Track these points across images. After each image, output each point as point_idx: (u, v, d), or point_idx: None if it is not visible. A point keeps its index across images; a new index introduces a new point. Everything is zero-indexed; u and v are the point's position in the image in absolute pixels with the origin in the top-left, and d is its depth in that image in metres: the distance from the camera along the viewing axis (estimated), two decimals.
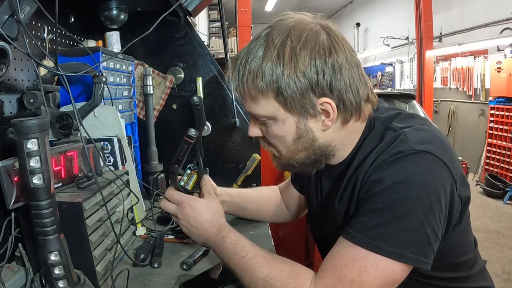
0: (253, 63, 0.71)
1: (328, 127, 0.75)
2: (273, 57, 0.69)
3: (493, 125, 5.29)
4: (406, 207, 0.65)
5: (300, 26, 0.71)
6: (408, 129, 0.72)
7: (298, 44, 0.69)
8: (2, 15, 0.73)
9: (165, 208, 0.92)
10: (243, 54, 0.74)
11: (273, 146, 0.81)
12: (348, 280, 0.66)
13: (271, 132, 0.78)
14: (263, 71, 0.70)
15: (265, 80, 0.70)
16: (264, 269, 0.74)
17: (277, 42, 0.70)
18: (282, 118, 0.74)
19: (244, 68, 0.72)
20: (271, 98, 0.72)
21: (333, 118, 0.73)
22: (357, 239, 0.67)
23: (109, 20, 1.40)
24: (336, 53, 0.70)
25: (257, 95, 0.73)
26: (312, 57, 0.68)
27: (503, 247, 3.44)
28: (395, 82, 8.64)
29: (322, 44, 0.70)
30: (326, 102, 0.71)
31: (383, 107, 0.84)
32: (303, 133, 0.75)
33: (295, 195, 1.13)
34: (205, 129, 1.59)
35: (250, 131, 0.83)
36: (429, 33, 4.60)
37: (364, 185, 0.71)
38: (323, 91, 0.70)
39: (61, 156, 0.89)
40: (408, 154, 0.68)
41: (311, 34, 0.70)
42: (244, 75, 0.73)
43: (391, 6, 8.31)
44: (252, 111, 0.77)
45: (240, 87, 0.75)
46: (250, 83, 0.72)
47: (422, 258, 0.66)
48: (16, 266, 0.82)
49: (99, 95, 1.05)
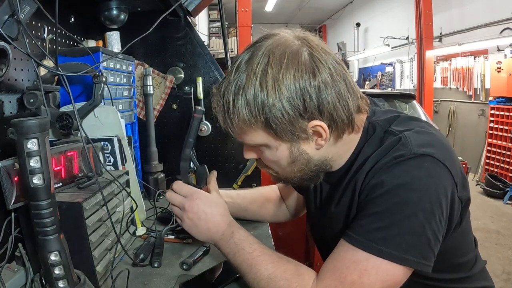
0: (237, 96, 0.68)
1: (321, 146, 0.74)
2: (255, 87, 0.67)
3: (493, 125, 5.28)
4: (407, 210, 0.65)
5: (279, 49, 0.68)
6: (409, 132, 0.72)
7: (280, 71, 0.66)
8: (2, 15, 0.73)
9: (171, 199, 0.88)
10: (225, 87, 0.71)
11: (269, 167, 0.82)
12: (349, 282, 0.67)
13: (265, 157, 0.78)
14: (248, 104, 0.68)
15: (251, 113, 0.68)
16: (270, 266, 0.75)
17: (257, 71, 0.67)
18: (274, 146, 0.73)
19: (228, 102, 0.70)
20: (260, 130, 0.71)
21: (326, 137, 0.72)
22: (358, 242, 0.67)
23: (109, 20, 1.40)
24: (320, 73, 0.67)
25: (245, 127, 0.71)
26: (296, 82, 0.66)
27: (503, 247, 3.44)
28: (395, 82, 8.64)
29: (304, 66, 0.67)
30: (317, 125, 0.70)
31: (380, 111, 0.84)
32: (297, 156, 0.74)
33: (295, 194, 1.14)
34: (205, 129, 1.59)
35: (245, 155, 0.82)
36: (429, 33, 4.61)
37: (365, 188, 0.71)
38: (312, 114, 0.68)
39: (61, 156, 0.89)
40: (409, 157, 0.67)
41: (291, 56, 0.67)
42: (229, 110, 0.70)
43: (391, 6, 8.31)
44: (244, 142, 0.77)
45: (228, 122, 0.73)
46: (236, 117, 0.70)
47: (423, 261, 0.66)
48: (16, 266, 0.82)
49: (99, 95, 1.05)
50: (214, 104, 0.75)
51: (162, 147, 1.53)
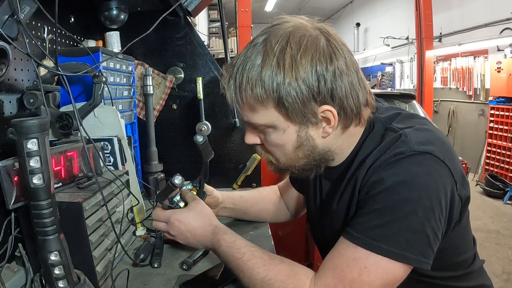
0: (251, 71, 0.68)
1: (328, 134, 0.74)
2: (272, 65, 0.67)
3: (493, 125, 5.29)
4: (407, 208, 0.65)
5: (299, 32, 0.69)
6: (409, 130, 0.72)
7: (299, 52, 0.67)
8: (2, 15, 0.72)
9: (157, 227, 0.96)
10: (240, 62, 0.70)
11: (271, 153, 0.80)
12: (348, 280, 0.66)
13: (270, 141, 0.76)
14: (262, 80, 0.67)
15: (264, 89, 0.68)
16: (262, 270, 0.74)
17: (276, 49, 0.67)
18: (282, 127, 0.73)
19: (242, 77, 0.69)
20: (271, 108, 0.70)
21: (334, 125, 0.72)
22: (358, 240, 0.67)
23: (109, 20, 1.40)
24: (337, 59, 0.68)
25: (256, 104, 0.71)
26: (313, 65, 0.67)
27: (503, 247, 3.44)
28: (395, 82, 8.64)
29: (322, 50, 0.68)
30: (328, 110, 0.70)
31: (383, 107, 0.84)
32: (304, 141, 0.74)
33: (295, 194, 1.14)
34: (205, 128, 1.59)
35: (247, 139, 0.81)
36: (429, 33, 4.60)
37: (365, 185, 0.71)
38: (324, 99, 0.69)
39: (61, 156, 0.89)
40: (409, 155, 0.67)
41: (311, 40, 0.68)
42: (242, 84, 0.70)
43: (391, 6, 8.31)
44: (251, 121, 0.75)
45: (238, 97, 0.72)
46: (249, 92, 0.69)
47: (423, 259, 0.66)
48: (16, 266, 0.82)
49: (99, 95, 1.05)
50: (223, 82, 0.74)
51: (162, 147, 1.53)
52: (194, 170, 1.60)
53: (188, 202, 0.94)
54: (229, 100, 0.74)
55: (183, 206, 0.95)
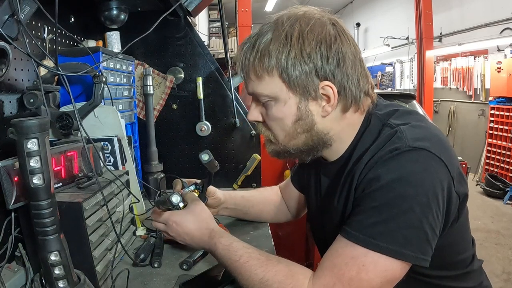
0: (261, 44, 0.74)
1: (328, 113, 0.76)
2: (281, 38, 0.72)
3: (493, 125, 5.28)
4: (404, 205, 0.65)
5: (309, 15, 0.75)
6: (404, 127, 0.73)
7: (306, 28, 0.72)
8: (2, 15, 0.73)
9: (157, 228, 0.97)
10: (252, 36, 0.77)
11: (271, 130, 0.81)
12: (347, 278, 0.66)
13: (271, 114, 0.79)
14: (270, 51, 0.73)
15: (271, 60, 0.73)
16: (259, 271, 0.74)
17: (286, 26, 0.73)
18: (284, 98, 0.75)
19: (253, 48, 0.75)
20: (276, 77, 0.74)
21: (333, 103, 0.75)
22: (356, 237, 0.67)
23: (109, 20, 1.40)
24: (342, 44, 0.73)
25: (263, 73, 0.75)
26: (318, 42, 0.71)
27: (503, 247, 3.44)
28: (395, 82, 8.64)
29: (328, 32, 0.73)
30: (328, 86, 0.73)
31: (382, 104, 0.85)
32: (303, 115, 0.76)
33: (295, 194, 1.14)
34: (205, 128, 1.60)
35: (249, 115, 0.84)
36: (429, 33, 4.60)
37: (361, 183, 0.72)
38: (326, 75, 0.73)
39: (61, 156, 0.89)
40: (404, 151, 0.68)
41: (319, 22, 0.73)
42: (251, 54, 0.75)
43: (391, 6, 8.31)
44: (255, 90, 0.78)
45: (247, 66, 0.77)
46: (257, 61, 0.74)
47: (421, 256, 0.66)
48: (16, 266, 0.82)
49: (99, 95, 1.05)
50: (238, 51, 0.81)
51: (162, 147, 1.53)
52: (194, 170, 1.60)
53: (188, 203, 0.94)
54: (239, 70, 0.80)
55: (183, 207, 0.95)
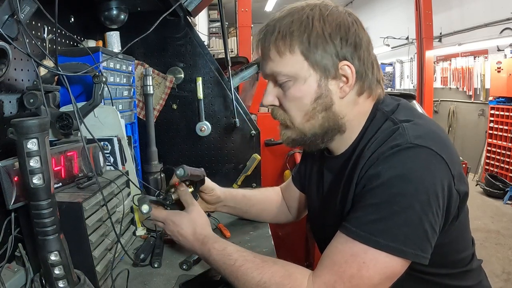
0: (283, 26, 0.76)
1: (345, 93, 0.78)
2: (303, 19, 0.75)
3: (493, 125, 5.28)
4: (404, 202, 0.65)
5: (326, 4, 0.78)
6: (407, 124, 0.73)
7: (326, 12, 0.75)
8: (2, 15, 0.73)
9: (157, 225, 0.97)
10: (271, 21, 0.79)
11: (288, 112, 0.81)
12: (347, 276, 0.66)
13: (289, 94, 0.79)
14: (292, 31, 0.75)
15: (293, 38, 0.75)
16: (256, 274, 0.74)
17: (306, 9, 0.76)
18: (304, 76, 0.76)
19: (274, 28, 0.77)
20: (298, 54, 0.75)
21: (351, 83, 0.77)
22: (356, 234, 0.67)
23: (109, 20, 1.40)
24: (359, 30, 0.77)
25: (285, 50, 0.76)
26: (338, 24, 0.75)
27: (503, 247, 3.44)
28: (395, 82, 8.64)
29: (346, 18, 0.77)
30: (347, 66, 0.76)
31: (389, 98, 0.85)
32: (323, 93, 0.77)
33: (296, 195, 1.14)
34: (205, 128, 1.59)
35: (265, 99, 0.83)
36: (429, 33, 4.60)
37: (362, 179, 0.72)
38: (345, 55, 0.75)
39: (61, 156, 0.89)
40: (405, 147, 0.68)
41: (336, 9, 0.77)
42: (273, 35, 0.77)
43: (391, 6, 8.30)
44: (275, 70, 0.78)
45: (267, 46, 0.78)
46: (279, 40, 0.76)
47: (421, 253, 0.66)
48: (16, 266, 0.82)
49: (99, 95, 1.05)
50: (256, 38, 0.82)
51: (162, 147, 1.53)
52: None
53: (186, 206, 0.94)
54: (260, 50, 0.81)
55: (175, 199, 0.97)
